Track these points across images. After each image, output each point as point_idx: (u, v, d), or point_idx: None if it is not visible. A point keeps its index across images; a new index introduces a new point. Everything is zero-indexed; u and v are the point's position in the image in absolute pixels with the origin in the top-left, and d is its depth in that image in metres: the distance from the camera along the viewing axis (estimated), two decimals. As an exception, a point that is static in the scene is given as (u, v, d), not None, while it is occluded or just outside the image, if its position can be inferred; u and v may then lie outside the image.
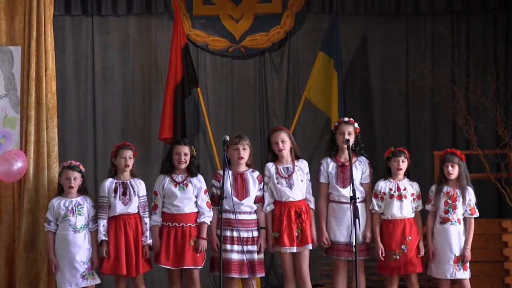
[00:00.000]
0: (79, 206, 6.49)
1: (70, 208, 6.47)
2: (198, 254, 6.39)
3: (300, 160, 6.52)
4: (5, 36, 7.23)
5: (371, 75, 8.34)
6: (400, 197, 6.43)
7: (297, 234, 6.35)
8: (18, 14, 7.26)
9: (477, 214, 6.44)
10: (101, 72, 8.22)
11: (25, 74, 7.18)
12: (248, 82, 8.39)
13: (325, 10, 8.28)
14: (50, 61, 7.22)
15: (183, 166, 6.49)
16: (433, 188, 6.54)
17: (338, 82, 7.86)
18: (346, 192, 6.32)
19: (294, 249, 6.35)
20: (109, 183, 6.54)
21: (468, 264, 6.39)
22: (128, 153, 6.55)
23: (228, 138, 6.39)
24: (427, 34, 8.30)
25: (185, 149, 6.50)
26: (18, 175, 6.89)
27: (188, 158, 6.49)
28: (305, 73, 8.22)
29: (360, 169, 6.51)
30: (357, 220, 6.03)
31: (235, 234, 6.33)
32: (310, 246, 6.40)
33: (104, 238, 6.44)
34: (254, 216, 6.43)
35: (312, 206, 6.48)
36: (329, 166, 6.52)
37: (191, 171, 6.49)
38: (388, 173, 6.55)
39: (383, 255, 6.39)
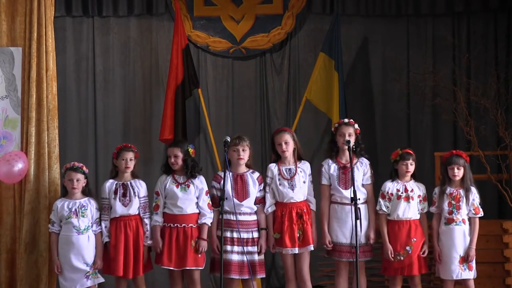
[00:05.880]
0: (83, 208, 6.48)
1: (73, 209, 6.47)
2: (199, 255, 6.39)
3: (302, 161, 6.51)
4: (5, 37, 7.23)
5: (372, 76, 8.34)
6: (407, 198, 6.44)
7: (298, 235, 6.35)
8: (18, 15, 7.25)
9: (481, 214, 6.44)
10: (102, 73, 8.23)
11: (26, 75, 7.18)
12: (249, 83, 8.39)
13: (326, 11, 8.28)
14: (50, 62, 7.21)
15: (175, 167, 6.49)
16: (436, 190, 6.55)
17: (339, 83, 7.86)
18: (348, 193, 6.28)
19: (296, 250, 6.35)
20: (109, 184, 6.54)
21: (473, 264, 6.39)
22: (129, 155, 6.54)
23: (229, 139, 6.38)
24: (428, 35, 8.29)
25: (175, 151, 6.48)
26: (19, 176, 6.88)
27: (179, 160, 6.47)
28: (306, 74, 8.23)
29: (362, 171, 6.50)
30: (358, 221, 6.05)
31: (235, 235, 6.32)
32: (311, 247, 6.40)
33: (107, 239, 6.45)
34: (254, 217, 6.42)
35: (313, 207, 6.47)
36: (331, 167, 6.51)
37: (186, 172, 6.47)
38: (395, 174, 6.54)
39: (392, 256, 6.39)
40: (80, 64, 8.21)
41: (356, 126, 6.53)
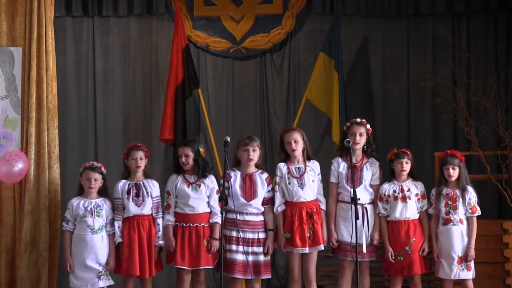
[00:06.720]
0: (98, 208, 6.46)
1: (89, 209, 6.44)
2: (210, 254, 6.38)
3: (311, 160, 6.49)
4: (6, 37, 7.24)
5: (372, 76, 8.34)
6: (404, 199, 6.44)
7: (308, 234, 6.32)
8: (19, 15, 7.27)
9: (478, 212, 6.43)
10: (102, 73, 8.22)
11: (26, 75, 7.19)
12: (249, 83, 8.38)
13: (326, 11, 8.27)
14: (50, 62, 7.23)
15: (186, 167, 6.47)
16: (433, 191, 6.54)
17: (339, 83, 7.86)
18: (356, 192, 6.16)
19: (306, 250, 6.32)
20: (122, 184, 6.52)
21: (472, 264, 6.39)
22: (139, 154, 6.52)
23: (229, 139, 6.36)
24: (428, 35, 8.29)
25: (186, 151, 6.47)
26: (19, 176, 6.88)
27: (190, 159, 6.46)
28: (306, 74, 8.22)
29: (371, 171, 6.50)
30: (358, 221, 6.06)
31: (241, 235, 6.31)
32: (321, 247, 6.37)
33: (120, 240, 6.43)
34: (261, 218, 6.40)
35: (323, 206, 6.44)
36: (340, 166, 6.50)
37: (197, 172, 6.47)
38: (392, 175, 6.55)
39: (393, 258, 6.39)
40: (80, 64, 8.20)
41: (368, 126, 6.53)
